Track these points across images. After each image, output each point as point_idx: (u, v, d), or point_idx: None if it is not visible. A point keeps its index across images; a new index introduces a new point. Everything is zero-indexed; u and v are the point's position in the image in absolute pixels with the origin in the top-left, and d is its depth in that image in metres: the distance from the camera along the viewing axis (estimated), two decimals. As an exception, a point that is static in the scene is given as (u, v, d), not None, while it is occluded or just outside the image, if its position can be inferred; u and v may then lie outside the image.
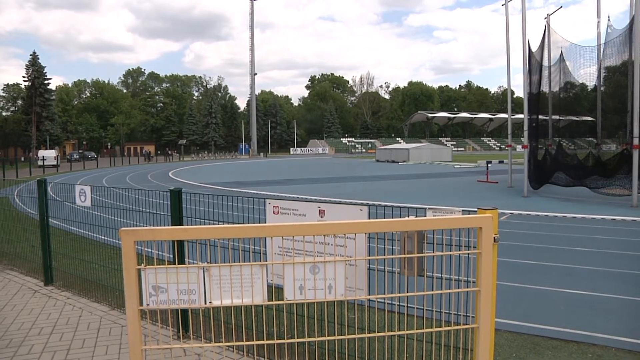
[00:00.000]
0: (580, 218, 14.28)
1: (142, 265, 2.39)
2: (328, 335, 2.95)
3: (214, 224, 4.75)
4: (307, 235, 2.40)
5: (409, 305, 3.02)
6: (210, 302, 2.49)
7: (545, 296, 7.17)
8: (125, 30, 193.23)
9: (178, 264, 2.53)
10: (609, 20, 27.61)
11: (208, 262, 2.51)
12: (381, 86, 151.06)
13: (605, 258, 9.53)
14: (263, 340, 2.68)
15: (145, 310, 2.44)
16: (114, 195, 8.61)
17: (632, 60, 18.74)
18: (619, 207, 16.33)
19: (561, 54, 25.69)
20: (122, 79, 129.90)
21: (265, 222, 3.94)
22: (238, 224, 2.91)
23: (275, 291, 2.85)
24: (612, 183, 19.42)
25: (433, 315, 2.76)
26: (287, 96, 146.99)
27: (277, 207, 3.95)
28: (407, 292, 2.69)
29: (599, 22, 27.65)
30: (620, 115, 24.43)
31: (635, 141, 16.98)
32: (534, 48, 23.75)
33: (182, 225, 5.18)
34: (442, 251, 2.61)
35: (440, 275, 2.71)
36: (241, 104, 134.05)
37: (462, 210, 2.70)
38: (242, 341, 2.99)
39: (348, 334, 2.76)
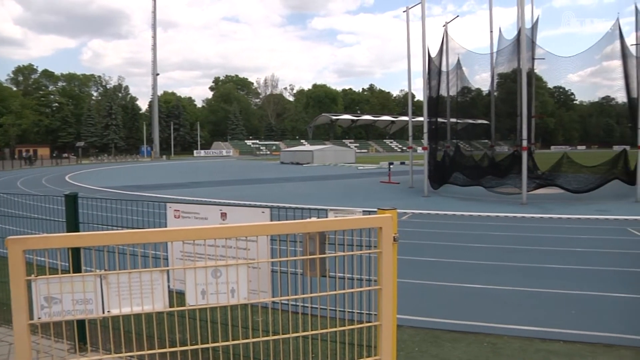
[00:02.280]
0: (476, 216, 15.01)
1: (33, 275, 2.25)
2: (233, 340, 2.92)
3: (112, 229, 4.57)
4: (208, 238, 2.34)
5: (313, 306, 3.05)
6: (108, 312, 2.38)
7: (445, 291, 7.47)
8: (12, 22, 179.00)
9: (73, 272, 2.40)
10: (500, 30, 29.32)
11: (105, 270, 2.41)
12: (285, 88, 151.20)
13: (499, 253, 10.09)
14: (166, 348, 2.59)
15: (37, 325, 2.29)
16: (2, 202, 8.08)
17: (520, 69, 19.95)
18: (511, 205, 17.33)
19: (458, 60, 26.95)
20: (12, 76, 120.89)
21: (166, 227, 3.85)
22: (138, 228, 2.81)
23: (177, 297, 2.78)
24: (505, 182, 20.60)
25: (337, 315, 2.79)
26: (191, 97, 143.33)
27: (178, 210, 3.86)
28: (311, 293, 2.70)
29: (491, 32, 29.26)
30: (512, 118, 25.97)
31: (524, 143, 18.11)
32: (433, 54, 24.75)
33: (79, 231, 4.94)
34: (344, 251, 2.65)
35: (342, 275, 2.75)
36: (143, 105, 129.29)
37: (363, 211, 2.75)
38: (144, 350, 2.89)
39: (253, 337, 2.74)
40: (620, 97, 23.89)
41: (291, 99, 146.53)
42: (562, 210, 15.97)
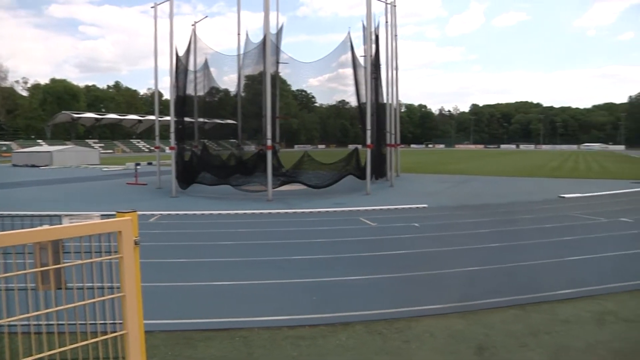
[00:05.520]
0: (225, 214, 15.28)
1: None
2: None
3: None
4: None
5: (49, 323, 2.77)
6: None
7: (195, 291, 7.44)
8: None
9: None
10: (247, 34, 30.41)
11: None
12: (17, 82, 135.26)
13: (248, 249, 10.44)
14: None
15: None
16: None
17: (265, 72, 20.92)
18: (258, 202, 18.04)
19: (206, 60, 27.20)
20: None
21: None
22: None
23: None
24: (252, 180, 21.41)
25: (77, 329, 2.57)
26: None
27: None
28: (46, 309, 2.46)
29: (239, 35, 30.15)
30: (258, 119, 27.10)
31: (269, 143, 19.05)
32: (182, 53, 24.48)
33: None
34: (82, 259, 2.46)
35: (82, 285, 2.55)
36: None
37: (101, 215, 2.59)
38: None
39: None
40: (353, 101, 26.70)
41: (25, 93, 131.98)
42: (305, 205, 17.15)
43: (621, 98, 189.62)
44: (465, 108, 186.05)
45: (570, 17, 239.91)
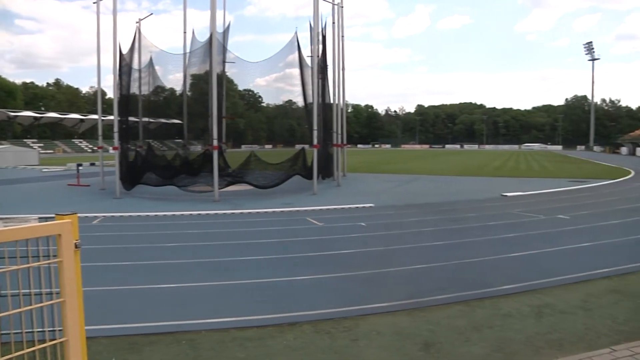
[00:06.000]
0: (170, 215, 15.00)
1: None
2: None
3: None
4: None
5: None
6: None
7: (140, 295, 7.29)
8: None
9: None
10: (193, 32, 29.99)
11: None
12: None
13: (194, 250, 10.30)
14: None
15: None
16: None
17: (212, 71, 20.70)
18: (204, 203, 17.82)
19: (151, 59, 26.68)
20: None
21: None
22: None
23: None
24: (198, 181, 21.11)
25: (12, 339, 2.46)
26: None
27: None
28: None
29: (185, 33, 29.72)
30: (204, 119, 26.78)
31: (214, 142, 18.85)
32: (126, 51, 23.88)
33: None
34: (18, 264, 2.36)
35: (19, 291, 2.45)
36: None
37: (40, 218, 2.50)
38: None
39: None
40: (300, 101, 26.78)
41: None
42: (252, 205, 17.05)
43: (558, 100, 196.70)
44: (411, 108, 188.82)
45: (511, 21, 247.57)
